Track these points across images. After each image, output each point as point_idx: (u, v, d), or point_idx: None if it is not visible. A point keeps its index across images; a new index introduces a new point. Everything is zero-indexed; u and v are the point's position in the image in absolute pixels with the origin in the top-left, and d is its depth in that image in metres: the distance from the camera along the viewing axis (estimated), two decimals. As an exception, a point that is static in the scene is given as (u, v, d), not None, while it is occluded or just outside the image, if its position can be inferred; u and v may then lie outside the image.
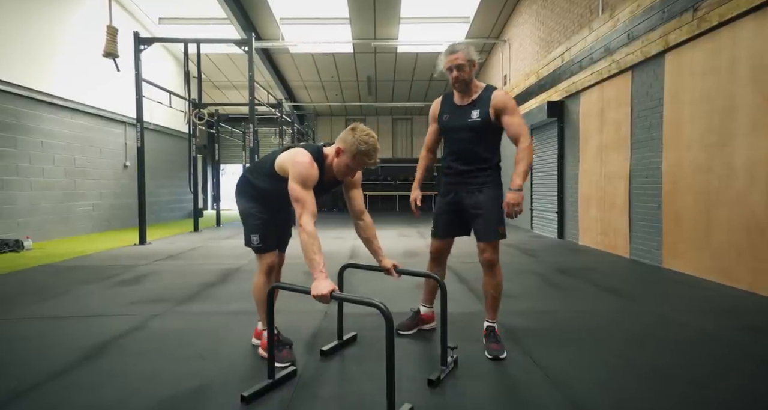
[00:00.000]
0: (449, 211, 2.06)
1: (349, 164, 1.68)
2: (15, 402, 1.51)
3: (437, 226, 2.10)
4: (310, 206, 1.59)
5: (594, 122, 5.31)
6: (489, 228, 1.94)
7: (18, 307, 2.72)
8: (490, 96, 1.94)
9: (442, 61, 1.97)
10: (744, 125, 3.14)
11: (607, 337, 2.18)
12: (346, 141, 1.66)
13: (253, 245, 1.83)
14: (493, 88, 1.99)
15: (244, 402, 1.48)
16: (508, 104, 1.92)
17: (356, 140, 1.63)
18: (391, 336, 1.25)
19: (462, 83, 1.95)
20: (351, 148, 1.64)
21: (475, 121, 1.94)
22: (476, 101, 1.97)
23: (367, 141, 1.64)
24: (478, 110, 1.94)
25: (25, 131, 5.84)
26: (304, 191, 1.59)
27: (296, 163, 1.62)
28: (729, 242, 3.26)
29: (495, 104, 1.92)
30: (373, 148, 1.65)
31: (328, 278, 1.46)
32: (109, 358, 1.90)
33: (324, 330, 2.26)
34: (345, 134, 1.68)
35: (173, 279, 3.56)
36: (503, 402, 1.53)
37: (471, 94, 1.98)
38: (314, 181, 1.64)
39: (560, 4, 6.33)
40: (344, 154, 1.67)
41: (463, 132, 1.98)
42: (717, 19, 3.29)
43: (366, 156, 1.65)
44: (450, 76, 1.96)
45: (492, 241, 1.94)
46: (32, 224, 5.91)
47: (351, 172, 1.74)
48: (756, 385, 1.66)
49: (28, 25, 5.84)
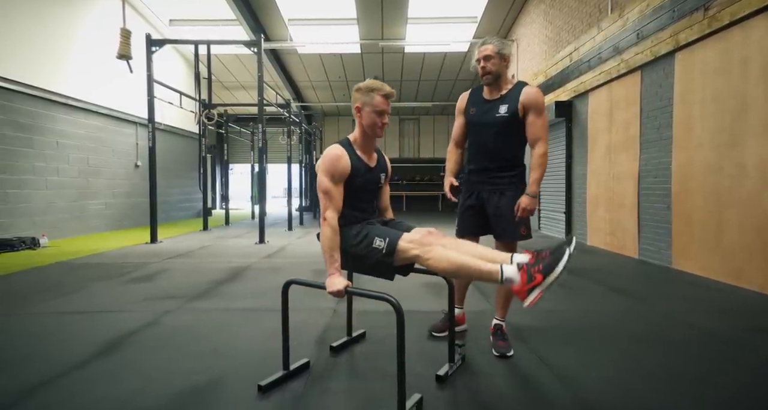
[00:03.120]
0: (472, 211, 2.02)
1: (371, 110, 1.64)
2: (42, 389, 1.58)
3: (459, 224, 2.07)
4: (337, 201, 1.57)
5: (602, 121, 5.28)
6: (509, 229, 1.91)
7: (37, 302, 2.80)
8: (520, 91, 1.88)
9: (474, 54, 1.95)
10: (755, 125, 3.12)
11: (614, 336, 2.18)
12: (354, 98, 1.68)
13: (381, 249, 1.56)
14: (524, 83, 1.92)
15: (260, 391, 1.53)
16: (538, 102, 1.86)
17: (359, 88, 1.67)
18: (402, 328, 1.28)
19: (490, 76, 1.90)
20: (361, 96, 1.66)
21: (502, 116, 1.89)
22: (505, 96, 1.91)
23: (366, 83, 1.66)
24: (507, 104, 1.88)
25: (41, 132, 5.97)
26: (331, 184, 1.57)
27: (324, 156, 1.61)
28: (740, 242, 3.24)
29: (524, 99, 1.86)
30: (373, 82, 1.66)
31: (342, 276, 1.50)
32: (126, 352, 1.96)
33: (333, 327, 2.30)
34: (352, 95, 1.71)
35: (184, 277, 3.63)
36: (510, 398, 1.55)
37: (501, 89, 1.93)
38: (343, 171, 1.60)
39: (569, 4, 6.30)
40: (361, 105, 1.66)
41: (488, 128, 1.93)
42: (728, 17, 3.27)
43: (376, 90, 1.64)
44: (479, 69, 1.92)
45: (510, 241, 1.94)
46: (48, 222, 6.04)
47: (379, 118, 1.65)
48: (759, 383, 1.66)
49: (42, 26, 5.98)
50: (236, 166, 15.57)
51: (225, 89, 12.52)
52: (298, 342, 2.00)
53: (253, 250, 5.20)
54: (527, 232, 1.92)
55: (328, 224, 1.54)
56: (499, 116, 1.90)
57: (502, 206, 1.92)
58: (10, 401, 1.51)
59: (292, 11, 8.54)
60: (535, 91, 1.89)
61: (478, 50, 1.92)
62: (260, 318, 2.46)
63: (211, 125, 7.40)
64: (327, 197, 1.57)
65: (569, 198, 6.20)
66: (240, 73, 11.40)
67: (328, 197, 1.57)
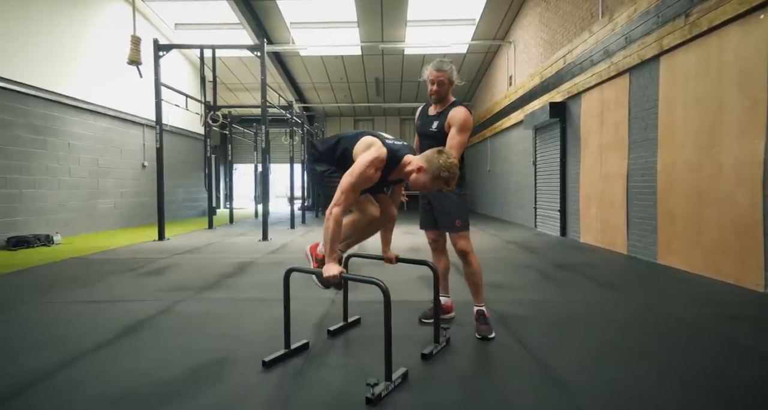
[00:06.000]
0: (424, 207, 2.38)
1: (426, 183, 1.73)
2: (76, 363, 1.80)
3: (420, 219, 2.46)
4: (350, 202, 1.69)
5: (594, 122, 5.45)
6: (448, 222, 2.24)
7: (59, 293, 3.03)
8: (449, 110, 2.19)
9: (427, 71, 2.21)
10: (731, 128, 3.29)
11: (593, 324, 2.37)
12: (431, 162, 1.70)
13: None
14: (458, 103, 2.22)
15: (264, 366, 1.73)
16: (459, 121, 2.13)
17: (441, 165, 1.68)
18: (389, 307, 1.48)
19: (436, 97, 2.22)
20: (434, 170, 1.69)
21: (433, 130, 2.24)
22: (441, 113, 2.24)
23: (449, 168, 1.69)
24: (438, 121, 2.23)
25: (53, 133, 6.22)
26: (353, 190, 1.66)
27: (366, 164, 1.66)
28: (718, 239, 3.41)
29: (450, 117, 2.18)
30: (454, 175, 1.71)
31: (338, 264, 1.69)
32: (144, 334, 2.18)
33: (331, 314, 2.50)
34: (431, 155, 1.73)
35: (192, 271, 3.84)
36: (486, 372, 1.75)
37: (442, 107, 2.25)
38: (368, 185, 1.72)
39: (563, 7, 6.47)
40: (425, 173, 1.71)
41: (427, 138, 2.28)
42: (707, 24, 3.44)
43: (445, 182, 1.71)
44: (429, 88, 2.21)
45: (454, 231, 2.22)
46: (60, 220, 6.29)
47: (424, 189, 1.78)
48: (713, 361, 1.84)
49: (54, 31, 6.22)
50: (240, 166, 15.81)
51: (229, 91, 12.77)
52: (299, 327, 2.20)
53: (257, 247, 5.42)
54: (462, 224, 2.23)
55: (333, 219, 1.64)
56: (431, 130, 2.25)
57: (445, 205, 2.26)
58: (51, 369, 1.74)
59: (294, 15, 8.76)
60: (462, 111, 2.16)
61: (433, 73, 2.18)
62: (265, 306, 2.67)
63: (215, 127, 7.62)
64: (343, 196, 1.65)
65: (563, 197, 6.38)
66: (244, 75, 11.63)
67: (344, 196, 1.65)
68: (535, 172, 7.46)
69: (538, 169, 7.36)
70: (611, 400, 1.51)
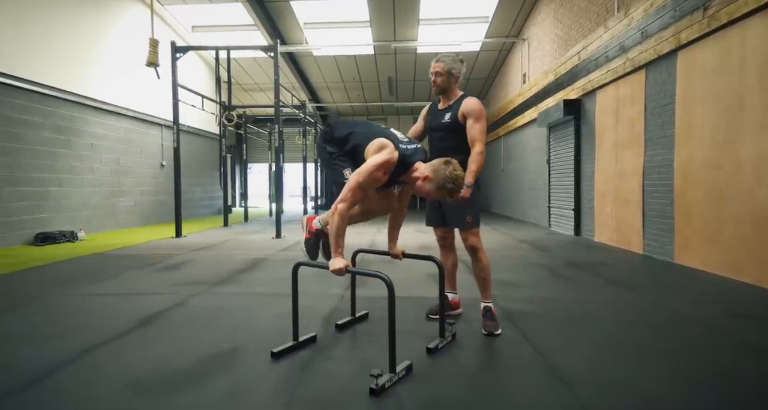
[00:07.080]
0: (432, 204, 2.35)
1: (431, 192, 1.77)
2: (98, 348, 1.90)
3: (427, 216, 2.43)
4: (358, 200, 1.73)
5: (609, 119, 5.35)
6: (457, 219, 2.22)
7: (81, 285, 3.17)
8: (461, 101, 2.20)
9: (430, 67, 2.27)
10: (751, 123, 3.19)
11: (601, 321, 2.34)
12: (437, 173, 1.74)
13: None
14: (469, 95, 2.23)
15: (273, 357, 1.79)
16: (475, 110, 2.14)
17: (446, 176, 1.72)
18: (393, 300, 1.51)
19: (438, 88, 2.24)
20: (439, 181, 1.74)
21: (446, 122, 2.22)
22: (451, 106, 2.24)
23: (455, 180, 1.74)
24: (450, 113, 2.22)
25: (77, 134, 6.46)
26: (360, 189, 1.68)
27: (376, 165, 1.68)
28: (737, 236, 3.32)
29: (463, 108, 2.18)
30: (459, 187, 1.77)
31: (344, 258, 1.73)
32: (160, 325, 2.26)
33: (339, 309, 2.54)
34: (438, 165, 1.76)
35: (207, 266, 3.95)
36: (489, 366, 1.76)
37: (449, 100, 2.27)
38: (376, 185, 1.76)
39: (578, 3, 6.36)
40: (430, 182, 1.75)
41: (437, 131, 2.29)
42: (726, 17, 3.35)
43: (449, 193, 1.76)
44: (431, 81, 2.27)
45: (465, 228, 2.21)
46: (83, 217, 6.53)
47: (428, 197, 1.82)
48: (719, 359, 1.80)
49: (76, 34, 6.46)
50: (254, 165, 16.08)
51: (244, 91, 12.99)
52: (308, 320, 2.26)
53: (270, 244, 5.52)
54: (473, 220, 2.21)
55: (339, 215, 1.67)
56: (444, 122, 2.24)
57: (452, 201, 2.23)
58: (76, 355, 1.85)
59: (307, 15, 8.86)
60: (474, 101, 2.19)
61: (432, 65, 2.23)
62: (275, 301, 2.74)
63: (230, 126, 7.78)
64: (350, 194, 1.68)
65: (578, 195, 6.28)
66: (258, 75, 11.82)
67: (351, 194, 1.68)
68: (549, 170, 7.36)
69: (552, 167, 7.26)
70: (617, 398, 1.50)
